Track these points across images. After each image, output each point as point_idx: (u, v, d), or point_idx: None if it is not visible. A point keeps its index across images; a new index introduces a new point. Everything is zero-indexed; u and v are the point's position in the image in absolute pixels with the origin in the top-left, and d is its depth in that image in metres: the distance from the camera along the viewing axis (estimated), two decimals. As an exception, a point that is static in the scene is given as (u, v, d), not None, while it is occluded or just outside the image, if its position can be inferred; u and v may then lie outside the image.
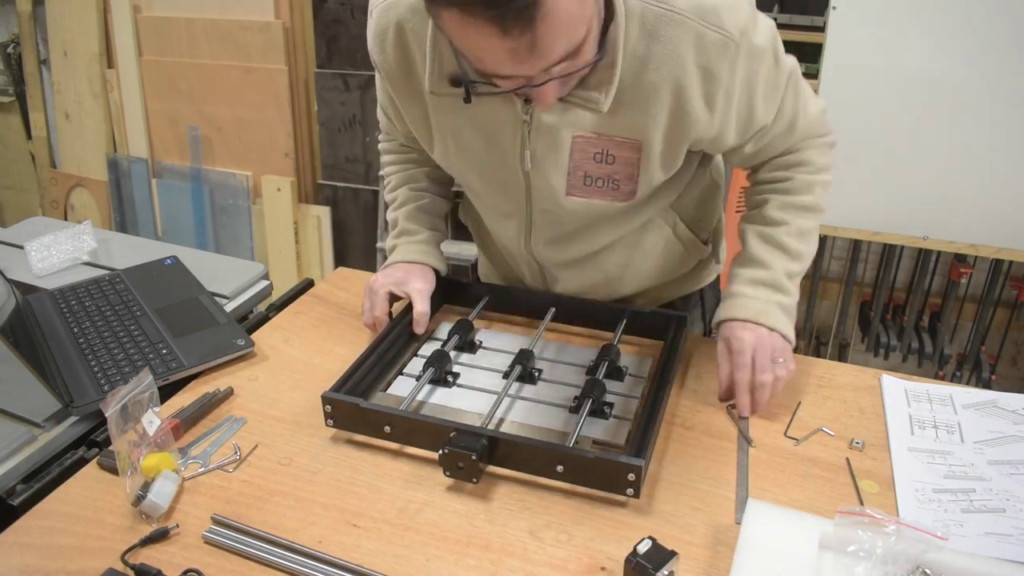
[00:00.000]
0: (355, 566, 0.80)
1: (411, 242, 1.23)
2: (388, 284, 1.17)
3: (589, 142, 0.99)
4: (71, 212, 3.31)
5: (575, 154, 1.00)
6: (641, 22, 0.89)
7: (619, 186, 1.02)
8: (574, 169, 1.01)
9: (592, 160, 1.00)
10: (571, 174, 1.02)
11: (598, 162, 1.00)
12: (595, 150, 0.99)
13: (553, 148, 1.00)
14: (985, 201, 2.01)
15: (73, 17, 3.03)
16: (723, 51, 0.90)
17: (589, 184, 1.02)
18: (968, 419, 1.03)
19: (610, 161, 1.00)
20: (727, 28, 0.89)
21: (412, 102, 1.05)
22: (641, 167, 1.00)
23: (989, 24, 1.87)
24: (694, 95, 0.92)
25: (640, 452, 0.88)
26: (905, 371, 1.60)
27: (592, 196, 1.04)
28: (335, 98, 2.86)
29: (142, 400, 0.93)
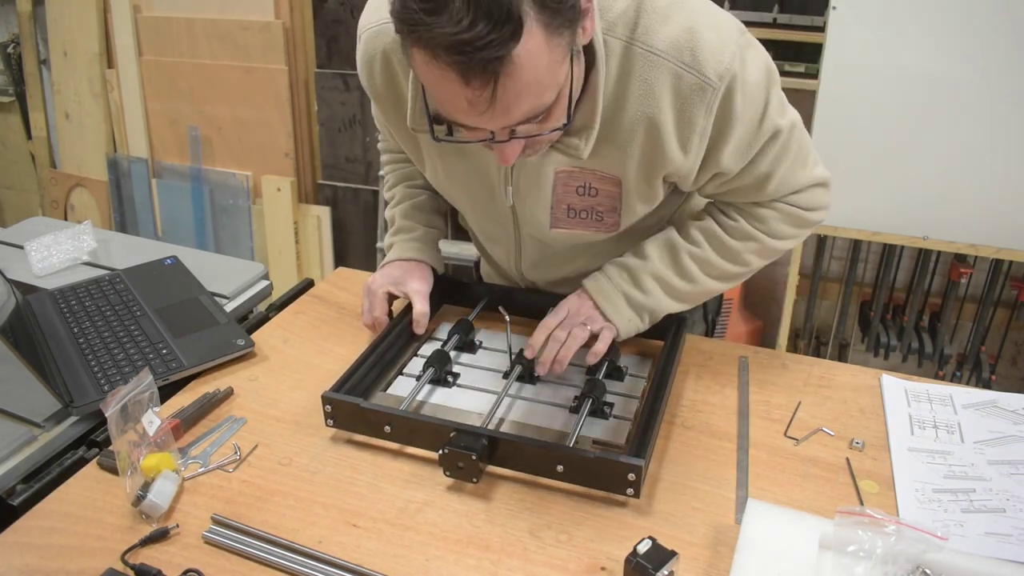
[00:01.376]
0: (355, 566, 0.80)
1: (407, 240, 1.22)
2: (386, 284, 1.16)
3: (572, 176, 0.99)
4: (71, 212, 3.31)
5: (558, 188, 1.01)
6: (620, 61, 0.88)
7: (603, 218, 1.03)
8: (557, 203, 1.02)
9: (575, 193, 1.01)
10: (555, 207, 1.03)
11: (580, 195, 1.01)
12: (577, 183, 1.00)
13: (536, 184, 1.01)
14: (985, 201, 2.01)
15: (73, 17, 3.03)
16: (700, 95, 0.88)
17: (573, 216, 1.03)
18: (968, 419, 1.03)
19: (592, 194, 1.01)
20: (706, 72, 0.87)
21: (401, 127, 1.04)
22: (622, 200, 1.01)
23: (989, 24, 1.86)
24: (668, 135, 0.91)
25: (640, 452, 0.88)
26: (905, 371, 1.60)
27: (576, 227, 1.05)
28: (335, 98, 2.86)
29: (142, 400, 0.93)
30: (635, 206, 1.01)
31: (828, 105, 2.03)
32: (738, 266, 1.08)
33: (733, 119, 0.91)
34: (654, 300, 1.07)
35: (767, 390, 1.09)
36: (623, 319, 1.07)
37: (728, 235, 1.06)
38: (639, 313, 1.08)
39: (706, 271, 1.07)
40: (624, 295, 1.07)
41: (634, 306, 1.07)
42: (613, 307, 1.07)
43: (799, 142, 1.00)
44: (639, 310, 1.08)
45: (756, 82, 0.91)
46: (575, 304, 1.07)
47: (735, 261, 1.07)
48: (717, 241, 1.06)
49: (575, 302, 1.08)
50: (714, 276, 1.08)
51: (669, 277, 1.07)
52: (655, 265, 1.07)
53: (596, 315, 1.07)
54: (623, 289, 1.07)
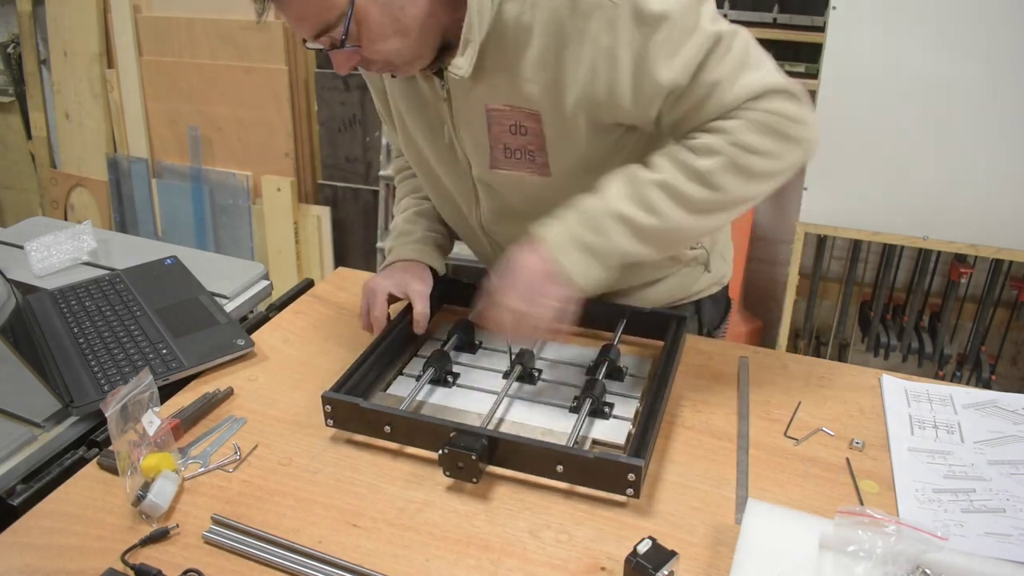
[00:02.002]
0: (355, 566, 0.80)
1: (408, 242, 1.23)
2: (387, 285, 1.16)
3: (503, 114, 1.00)
4: (71, 212, 3.31)
5: (493, 127, 1.02)
6: None
7: (534, 158, 1.02)
8: (494, 142, 1.03)
9: (508, 132, 1.02)
10: (493, 147, 1.03)
11: (513, 134, 1.01)
12: (509, 122, 1.00)
13: (471, 122, 1.02)
14: (985, 201, 2.01)
15: (73, 17, 3.03)
16: (598, 13, 0.88)
17: (509, 156, 1.04)
18: (968, 419, 1.03)
19: (523, 132, 1.01)
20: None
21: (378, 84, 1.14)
22: (546, 139, 0.99)
23: (989, 24, 1.86)
24: (571, 58, 0.91)
25: (640, 452, 0.88)
26: (905, 371, 1.60)
27: (514, 168, 1.04)
28: (335, 98, 2.86)
29: (142, 400, 0.93)
30: (558, 145, 0.99)
31: (828, 105, 2.03)
32: (711, 190, 0.94)
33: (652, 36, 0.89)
34: (616, 243, 0.94)
35: (767, 390, 1.09)
36: (579, 269, 0.94)
37: (693, 152, 0.94)
38: (598, 260, 0.95)
39: (676, 200, 0.94)
40: (581, 243, 0.94)
41: (594, 254, 0.94)
42: (571, 261, 0.94)
43: (746, 46, 0.94)
44: (597, 257, 0.95)
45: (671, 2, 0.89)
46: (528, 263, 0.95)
47: (705, 183, 0.93)
48: (680, 162, 0.94)
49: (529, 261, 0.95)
50: (683, 206, 0.94)
51: (631, 213, 0.93)
52: (613, 202, 0.94)
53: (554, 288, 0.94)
54: (583, 239, 0.94)
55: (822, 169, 2.07)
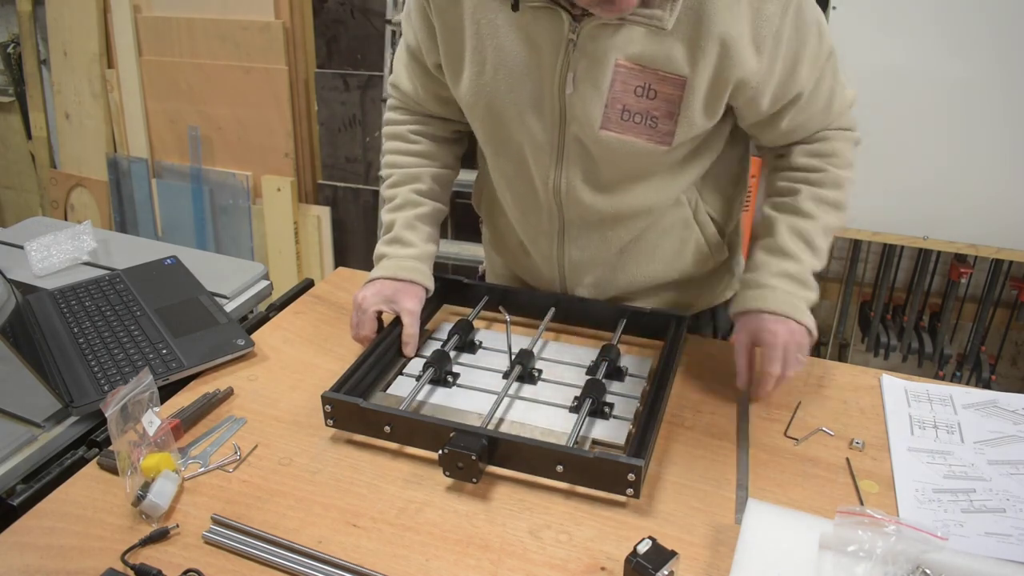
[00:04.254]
0: (355, 566, 0.80)
1: (404, 256, 1.16)
2: (378, 302, 1.12)
3: (632, 73, 0.95)
4: (71, 212, 3.31)
5: (616, 84, 0.96)
6: None
7: (657, 124, 0.98)
8: (612, 101, 0.97)
9: (633, 93, 0.97)
10: (609, 106, 0.97)
11: (639, 96, 0.97)
12: (637, 83, 0.96)
13: (594, 74, 0.96)
14: (985, 201, 2.01)
15: (73, 17, 3.03)
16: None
17: (627, 119, 0.98)
18: (968, 419, 1.03)
19: (651, 96, 0.97)
20: None
21: (452, 23, 1.02)
22: (682, 106, 0.96)
23: (989, 24, 1.87)
24: (744, 32, 0.92)
25: (640, 452, 0.88)
26: (905, 371, 1.60)
27: (627, 132, 0.99)
28: (335, 98, 2.86)
29: (142, 400, 0.93)
30: (695, 116, 0.98)
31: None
32: (842, 213, 1.09)
33: (806, 26, 0.95)
34: (813, 292, 1.07)
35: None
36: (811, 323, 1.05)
37: (828, 190, 1.07)
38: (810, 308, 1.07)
39: (827, 235, 1.09)
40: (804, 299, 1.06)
41: (810, 304, 1.06)
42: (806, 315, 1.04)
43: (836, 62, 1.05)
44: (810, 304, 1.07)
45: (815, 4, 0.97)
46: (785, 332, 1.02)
47: (841, 208, 1.09)
48: (825, 203, 1.07)
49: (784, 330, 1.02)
50: (830, 238, 1.09)
51: (815, 263, 1.07)
52: (805, 259, 1.06)
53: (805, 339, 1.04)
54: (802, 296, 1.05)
55: (822, 169, 2.07)
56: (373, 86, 2.79)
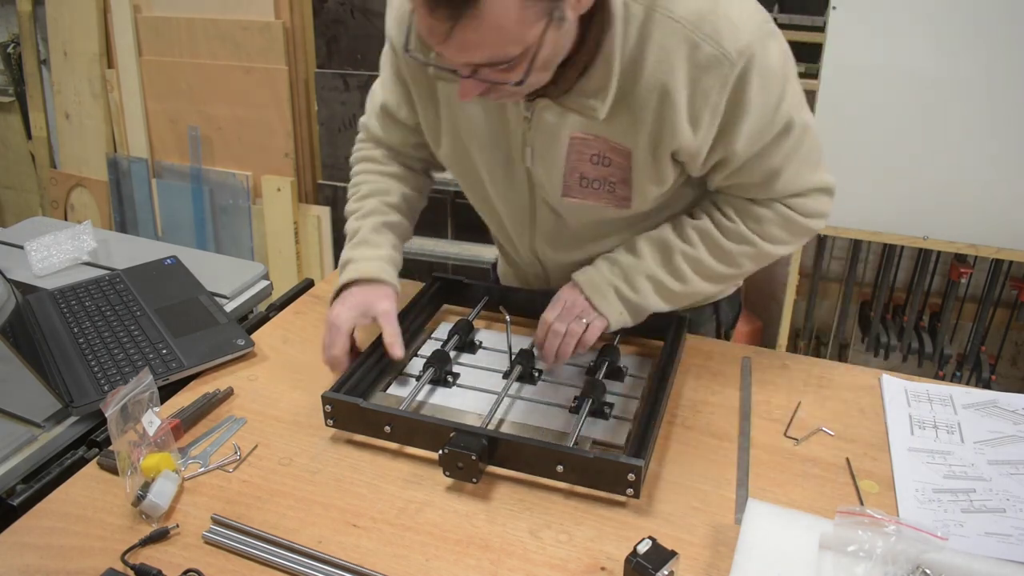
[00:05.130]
0: (355, 566, 0.80)
1: (372, 257, 1.12)
2: (350, 317, 1.07)
3: (586, 143, 0.98)
4: (71, 212, 3.31)
5: (572, 155, 0.99)
6: (640, 26, 0.88)
7: (615, 190, 1.01)
8: (570, 170, 1.01)
9: (589, 161, 1.00)
10: (567, 175, 1.01)
11: (594, 164, 1.00)
12: (592, 151, 0.99)
13: (551, 147, 1.00)
14: (985, 201, 2.01)
15: (73, 17, 3.03)
16: (716, 67, 0.88)
17: (585, 186, 1.02)
18: (968, 419, 1.03)
19: (606, 163, 0.99)
20: (724, 45, 0.87)
21: (426, 90, 1.05)
22: (632, 174, 0.99)
23: (989, 24, 1.86)
24: (680, 106, 0.91)
25: (640, 452, 0.88)
26: (905, 371, 1.60)
27: (588, 198, 1.03)
28: (335, 98, 2.86)
29: (142, 400, 0.93)
30: (644, 184, 1.00)
31: (828, 105, 2.03)
32: (730, 268, 1.07)
33: (748, 101, 0.91)
34: (644, 299, 1.06)
35: (767, 390, 1.09)
36: (614, 312, 1.06)
37: (724, 236, 1.04)
38: (628, 309, 1.07)
39: (698, 271, 1.06)
40: (615, 289, 1.06)
41: (624, 301, 1.06)
42: (605, 301, 1.06)
43: (812, 143, 1.00)
44: (628, 306, 1.07)
45: (775, 69, 0.91)
46: (569, 297, 1.07)
47: (728, 263, 1.06)
48: (712, 241, 1.04)
49: (568, 295, 1.07)
50: (705, 277, 1.07)
51: (662, 277, 1.05)
52: (648, 264, 1.06)
53: (589, 308, 1.06)
54: (614, 284, 1.06)
55: (822, 169, 2.07)
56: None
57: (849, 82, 1.99)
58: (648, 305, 1.07)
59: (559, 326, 1.04)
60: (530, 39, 0.79)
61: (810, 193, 1.03)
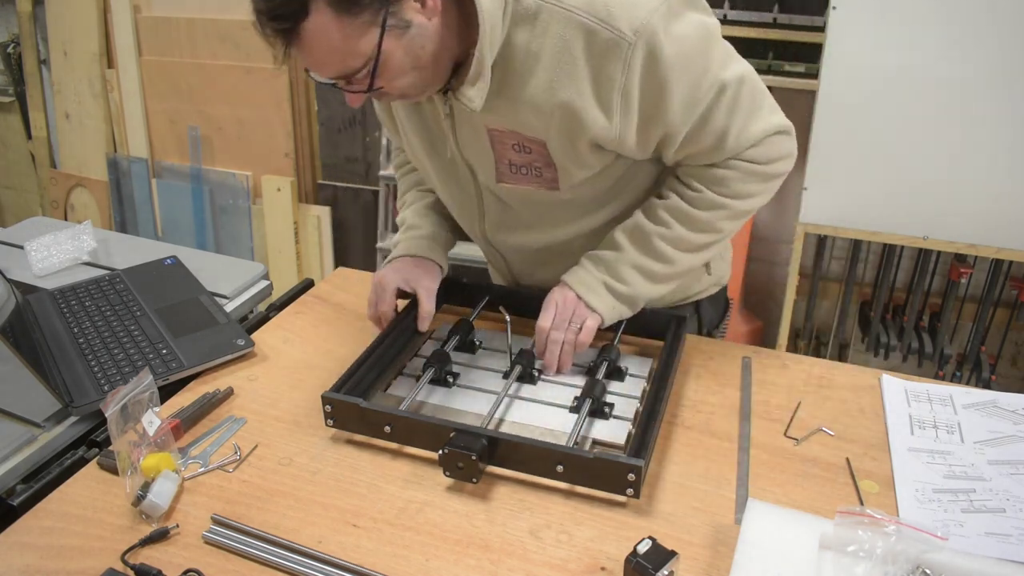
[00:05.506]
0: (355, 566, 0.80)
1: (417, 236, 1.22)
2: (396, 280, 1.16)
3: (504, 135, 1.02)
4: (71, 212, 3.31)
5: (496, 145, 1.03)
6: (535, 21, 0.90)
7: (542, 173, 1.04)
8: (499, 158, 1.05)
9: (512, 150, 1.03)
10: (498, 162, 1.05)
11: (517, 152, 1.03)
12: (512, 141, 1.02)
13: (476, 139, 1.04)
14: (985, 201, 2.01)
15: (73, 17, 3.03)
16: (615, 50, 0.88)
17: (515, 171, 1.05)
18: (968, 419, 1.03)
19: (528, 151, 1.02)
20: (619, 26, 0.87)
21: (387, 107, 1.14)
22: (554, 159, 1.01)
23: (989, 24, 1.86)
24: (586, 96, 0.91)
25: (640, 452, 0.88)
26: (905, 371, 1.60)
27: (520, 183, 1.06)
28: (335, 98, 2.85)
29: (142, 400, 0.93)
30: (569, 169, 1.01)
31: (828, 105, 2.03)
32: (711, 235, 1.07)
33: (665, 77, 0.91)
34: (634, 288, 1.08)
35: (767, 390, 1.09)
36: (607, 307, 1.08)
37: (695, 207, 1.04)
38: (622, 301, 1.09)
39: (680, 248, 1.07)
40: (604, 284, 1.08)
41: (615, 295, 1.08)
42: (596, 296, 1.07)
43: (751, 93, 0.98)
44: (621, 299, 1.08)
45: (686, 37, 0.91)
46: (560, 298, 1.08)
47: (707, 230, 1.06)
48: (684, 216, 1.05)
49: (560, 296, 1.08)
50: (688, 250, 1.08)
51: (646, 263, 1.07)
52: (630, 254, 1.07)
53: (581, 305, 1.07)
54: (603, 280, 1.08)
55: (822, 169, 2.07)
56: (373, 86, 2.78)
57: (849, 82, 1.99)
58: (639, 294, 1.08)
59: (556, 335, 1.07)
60: (366, 50, 0.84)
61: (764, 140, 1.01)
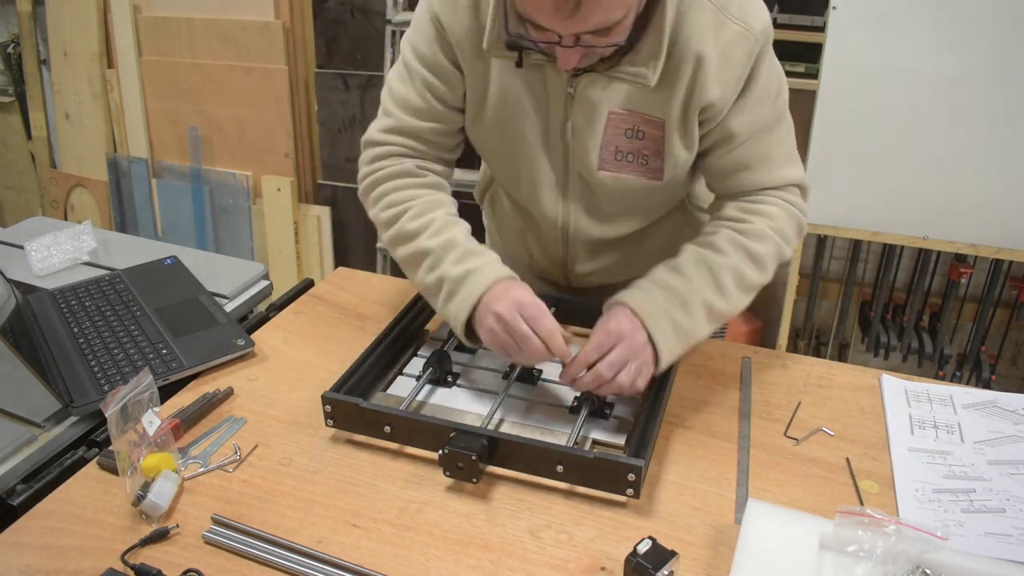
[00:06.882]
0: (355, 566, 0.80)
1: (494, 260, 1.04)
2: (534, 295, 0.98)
3: (622, 117, 1.02)
4: (71, 212, 3.31)
5: (609, 129, 1.03)
6: (677, 2, 0.94)
7: (648, 162, 1.05)
8: (606, 143, 1.04)
9: (624, 136, 1.04)
10: (603, 148, 1.05)
11: (628, 137, 1.04)
12: (627, 125, 1.03)
13: (590, 122, 1.03)
14: (985, 201, 2.01)
15: (73, 17, 3.03)
16: (744, 41, 0.96)
17: (620, 159, 1.05)
18: (968, 419, 1.03)
19: (640, 137, 1.04)
20: (750, 23, 0.96)
21: (476, 65, 1.04)
22: (665, 144, 1.03)
23: (989, 24, 1.86)
24: (711, 71, 0.97)
25: (640, 452, 0.88)
26: (905, 371, 1.60)
27: (622, 171, 1.06)
28: (335, 98, 2.86)
29: (142, 400, 0.93)
30: (677, 151, 1.04)
31: (828, 105, 2.03)
32: (761, 273, 1.04)
33: (757, 80, 0.99)
34: (697, 326, 1.00)
35: (767, 390, 1.09)
36: (669, 349, 0.98)
37: (748, 239, 1.04)
38: (681, 341, 0.99)
39: (740, 284, 1.03)
40: (673, 323, 0.98)
41: (679, 333, 0.99)
42: (664, 336, 0.97)
43: (792, 142, 1.08)
44: (683, 338, 0.99)
45: (777, 62, 1.02)
46: (627, 332, 0.96)
47: (759, 267, 1.04)
48: (743, 248, 1.03)
49: (627, 327, 0.96)
50: (743, 289, 1.03)
51: (712, 298, 1.01)
52: (699, 287, 1.01)
53: (646, 357, 0.96)
54: (673, 317, 0.99)
55: (822, 169, 2.07)
56: (373, 86, 2.78)
57: (849, 82, 1.99)
58: (699, 335, 1.01)
59: (607, 372, 0.94)
60: (631, 1, 0.85)
61: (800, 188, 1.08)
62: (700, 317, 1.00)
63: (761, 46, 0.97)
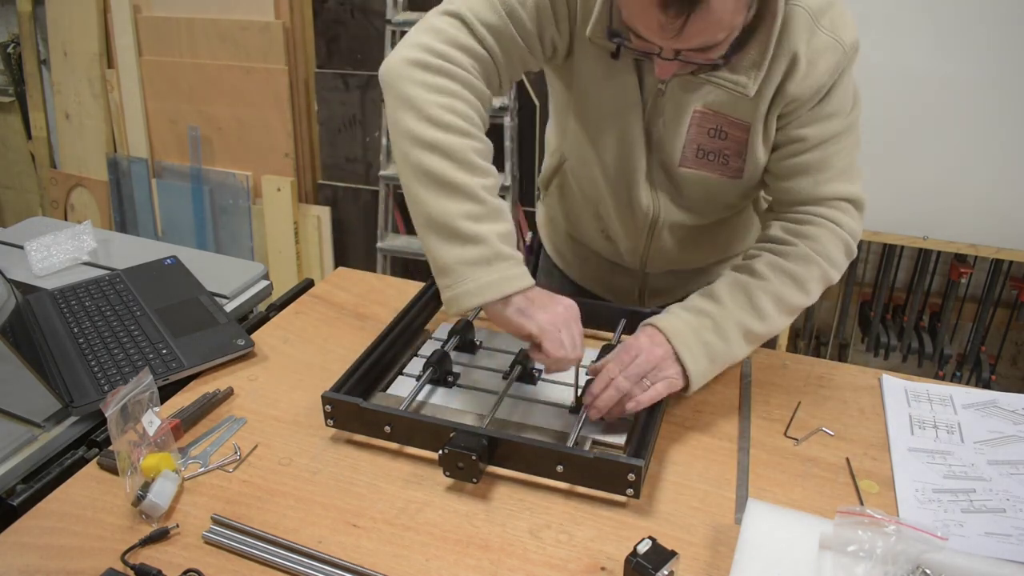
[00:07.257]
0: (355, 566, 0.80)
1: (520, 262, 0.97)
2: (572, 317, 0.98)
3: (707, 117, 1.04)
4: (71, 212, 3.31)
5: (692, 128, 1.05)
6: None
7: (728, 162, 1.07)
8: (689, 141, 1.06)
9: (707, 135, 1.05)
10: (686, 146, 1.06)
11: (711, 137, 1.05)
12: (711, 125, 1.04)
13: (676, 120, 1.04)
14: (985, 201, 2.01)
15: (73, 17, 3.03)
16: (832, 52, 0.97)
17: (701, 157, 1.07)
18: (968, 419, 1.03)
19: (723, 137, 1.05)
20: (841, 36, 0.97)
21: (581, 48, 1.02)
22: (748, 145, 1.04)
23: (989, 24, 1.86)
24: (800, 72, 0.98)
25: (640, 452, 0.88)
26: (905, 371, 1.60)
27: (702, 168, 1.08)
28: (335, 98, 2.86)
29: (142, 400, 0.93)
30: (758, 153, 1.05)
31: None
32: (802, 295, 1.03)
33: (837, 93, 1.00)
34: (733, 349, 1.01)
35: (767, 390, 1.09)
36: (699, 370, 0.98)
37: (790, 262, 1.03)
38: (714, 363, 1.00)
39: (780, 306, 1.02)
40: (705, 344, 0.99)
41: (712, 356, 0.99)
42: (692, 356, 0.98)
43: (855, 157, 1.07)
44: (716, 360, 1.00)
45: (855, 77, 1.03)
46: (645, 346, 0.98)
47: (801, 289, 1.03)
48: (782, 271, 1.03)
49: (646, 344, 0.98)
50: (783, 311, 1.03)
51: (749, 321, 1.01)
52: (734, 310, 1.01)
53: (668, 363, 0.97)
54: (705, 338, 0.99)
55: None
56: (373, 86, 2.79)
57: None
58: (735, 356, 1.02)
59: (624, 383, 0.95)
60: (738, 21, 0.87)
61: (855, 205, 1.06)
62: (735, 339, 1.01)
63: (848, 59, 0.98)
